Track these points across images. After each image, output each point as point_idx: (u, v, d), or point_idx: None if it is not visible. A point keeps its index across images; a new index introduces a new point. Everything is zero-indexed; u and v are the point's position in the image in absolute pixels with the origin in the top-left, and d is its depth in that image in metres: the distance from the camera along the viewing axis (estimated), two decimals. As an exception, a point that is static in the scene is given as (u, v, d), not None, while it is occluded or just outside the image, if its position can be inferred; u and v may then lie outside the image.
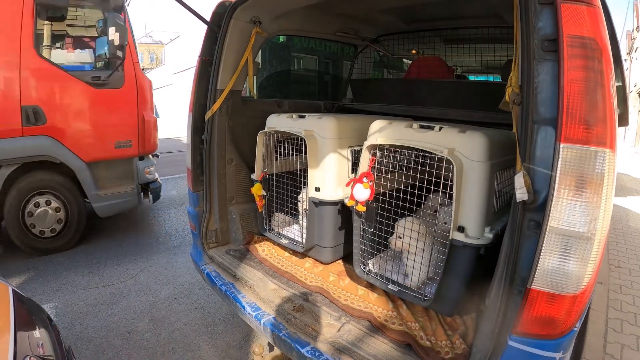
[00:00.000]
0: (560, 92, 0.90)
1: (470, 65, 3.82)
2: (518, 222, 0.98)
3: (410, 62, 3.54)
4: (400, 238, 1.64)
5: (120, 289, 3.19)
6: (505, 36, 2.44)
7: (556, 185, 0.90)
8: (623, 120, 3.06)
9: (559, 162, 0.89)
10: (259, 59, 2.77)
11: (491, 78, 3.95)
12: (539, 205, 0.94)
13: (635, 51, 25.05)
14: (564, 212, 0.90)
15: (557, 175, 0.89)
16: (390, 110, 2.71)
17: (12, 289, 1.43)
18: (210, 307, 2.90)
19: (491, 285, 1.16)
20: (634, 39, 25.70)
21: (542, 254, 0.93)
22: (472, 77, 4.00)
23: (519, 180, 0.94)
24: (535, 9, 1.00)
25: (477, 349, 1.14)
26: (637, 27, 24.48)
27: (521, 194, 0.94)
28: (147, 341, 2.50)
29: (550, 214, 0.91)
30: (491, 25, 2.60)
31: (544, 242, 0.93)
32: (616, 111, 0.90)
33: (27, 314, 1.39)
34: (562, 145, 0.89)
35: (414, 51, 3.49)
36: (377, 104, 2.89)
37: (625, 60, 29.37)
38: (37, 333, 1.31)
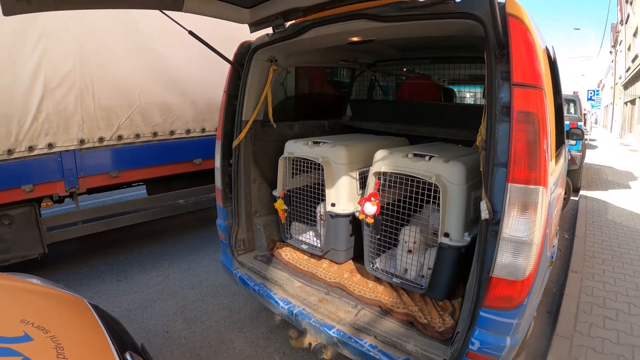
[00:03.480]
0: (510, 146, 1.36)
1: (455, 78, 4.29)
2: (483, 232, 1.44)
3: (403, 78, 3.99)
4: (407, 242, 2.09)
5: (150, 294, 3.49)
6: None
7: (506, 209, 1.35)
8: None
9: (508, 194, 1.34)
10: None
11: (473, 87, 4.39)
12: (497, 221, 1.39)
13: (619, 44, 25.67)
14: (512, 226, 1.35)
15: (507, 202, 1.34)
16: (387, 129, 3.15)
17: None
18: (236, 306, 3.27)
19: (469, 275, 1.61)
20: (618, 32, 26.31)
21: (498, 253, 1.39)
22: (456, 87, 4.45)
23: (483, 205, 1.39)
24: (499, 83, 1.44)
25: (461, 320, 1.59)
26: (621, 20, 25.06)
27: (485, 214, 1.39)
28: (185, 338, 2.85)
29: (503, 227, 1.36)
30: (470, 55, 3.04)
31: (499, 245, 1.38)
32: (550, 159, 1.35)
33: (102, 314, 1.79)
34: (509, 184, 1.34)
35: (405, 69, 3.93)
36: (374, 123, 3.33)
37: (611, 52, 30.05)
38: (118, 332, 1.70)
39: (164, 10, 2.30)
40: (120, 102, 3.74)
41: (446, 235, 1.83)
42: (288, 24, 2.33)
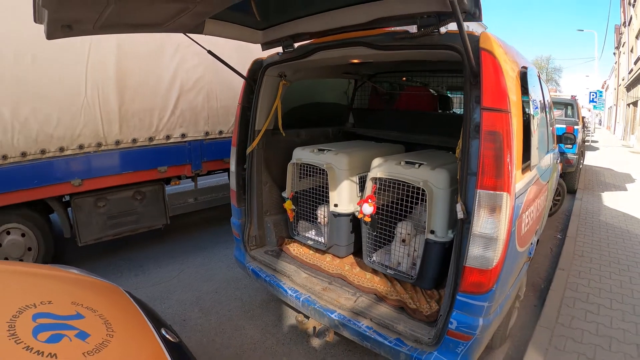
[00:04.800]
0: (479, 159, 1.65)
1: (451, 86, 4.58)
2: (459, 230, 1.74)
3: (400, 89, 4.29)
4: (401, 234, 2.40)
5: (167, 287, 3.77)
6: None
7: (476, 210, 1.65)
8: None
9: (477, 198, 1.64)
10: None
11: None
12: (469, 220, 1.69)
13: (622, 46, 25.68)
14: (481, 224, 1.65)
15: (477, 205, 1.64)
16: (386, 136, 3.45)
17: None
18: (247, 297, 3.55)
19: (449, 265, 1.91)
20: (621, 33, 26.31)
21: (470, 246, 1.69)
22: (453, 94, 4.74)
23: (459, 207, 1.69)
24: (473, 106, 1.74)
25: (443, 304, 1.90)
26: (624, 22, 25.07)
27: (460, 214, 1.69)
28: (201, 326, 3.12)
29: (474, 225, 1.66)
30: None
31: (471, 240, 1.68)
32: (513, 170, 1.65)
33: (135, 299, 2.10)
34: (479, 190, 1.64)
35: (404, 78, 4.23)
36: (374, 130, 3.63)
37: (614, 54, 30.05)
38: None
39: (187, 33, 2.63)
40: (233, 102, 4.26)
41: (432, 232, 2.13)
42: (297, 45, 2.64)
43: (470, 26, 41.36)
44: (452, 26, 1.71)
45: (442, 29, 1.89)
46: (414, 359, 1.93)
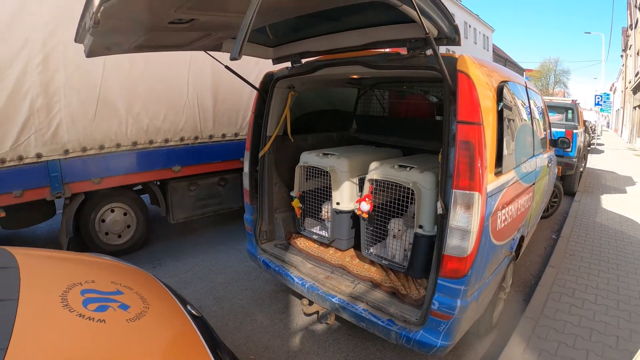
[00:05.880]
0: (455, 164, 1.97)
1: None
2: (439, 223, 2.06)
3: (399, 97, 4.61)
4: (394, 232, 2.72)
5: (184, 278, 4.09)
6: None
7: (453, 207, 1.97)
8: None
9: (453, 197, 1.96)
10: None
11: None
12: (447, 215, 2.01)
13: (629, 48, 25.62)
14: (457, 219, 1.97)
15: (452, 203, 1.96)
16: (385, 141, 3.77)
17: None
18: (257, 288, 3.86)
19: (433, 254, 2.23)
20: (628, 36, 26.24)
21: (448, 237, 2.01)
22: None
23: (439, 204, 2.02)
24: (451, 119, 2.05)
25: (427, 288, 2.21)
26: (631, 24, 25.00)
27: (440, 210, 2.01)
28: (215, 312, 3.40)
29: (451, 220, 1.98)
30: None
31: (448, 232, 2.00)
32: (484, 174, 1.96)
33: (161, 281, 2.44)
34: (454, 190, 1.96)
35: (405, 87, 4.54)
36: (375, 135, 3.96)
37: (622, 56, 29.93)
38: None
39: (207, 51, 2.98)
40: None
41: (420, 227, 2.45)
42: (304, 60, 2.97)
43: (477, 27, 40.87)
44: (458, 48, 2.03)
45: (428, 52, 2.21)
46: (403, 336, 2.24)
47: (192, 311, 2.21)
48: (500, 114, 2.26)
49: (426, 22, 1.77)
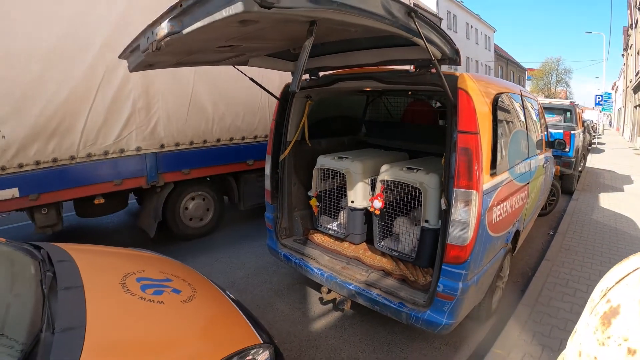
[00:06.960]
0: (455, 167, 2.32)
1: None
2: (443, 217, 2.41)
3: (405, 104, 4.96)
4: (397, 229, 3.08)
5: (205, 273, 4.25)
6: None
7: (454, 203, 2.32)
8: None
9: (454, 194, 2.31)
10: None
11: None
12: (450, 210, 2.36)
13: (630, 48, 25.80)
14: (458, 213, 2.32)
15: (454, 199, 2.32)
16: (393, 145, 4.12)
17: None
18: (276, 281, 4.16)
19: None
20: (629, 35, 26.41)
21: (450, 229, 2.36)
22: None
23: (442, 201, 2.37)
24: (452, 128, 2.41)
25: (434, 273, 2.56)
26: (631, 24, 25.16)
27: (443, 206, 2.37)
28: None
29: (453, 213, 2.33)
30: None
31: (451, 224, 2.35)
32: (481, 175, 2.31)
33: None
34: (455, 189, 2.31)
35: (410, 92, 4.89)
36: (383, 139, 4.31)
37: (623, 55, 30.11)
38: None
39: (235, 65, 3.34)
40: None
41: (427, 221, 2.81)
42: (321, 74, 3.33)
43: (479, 28, 40.71)
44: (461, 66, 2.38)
45: (433, 70, 2.56)
46: (412, 316, 2.59)
47: (231, 295, 2.57)
48: (495, 122, 2.61)
49: (431, 47, 2.12)
